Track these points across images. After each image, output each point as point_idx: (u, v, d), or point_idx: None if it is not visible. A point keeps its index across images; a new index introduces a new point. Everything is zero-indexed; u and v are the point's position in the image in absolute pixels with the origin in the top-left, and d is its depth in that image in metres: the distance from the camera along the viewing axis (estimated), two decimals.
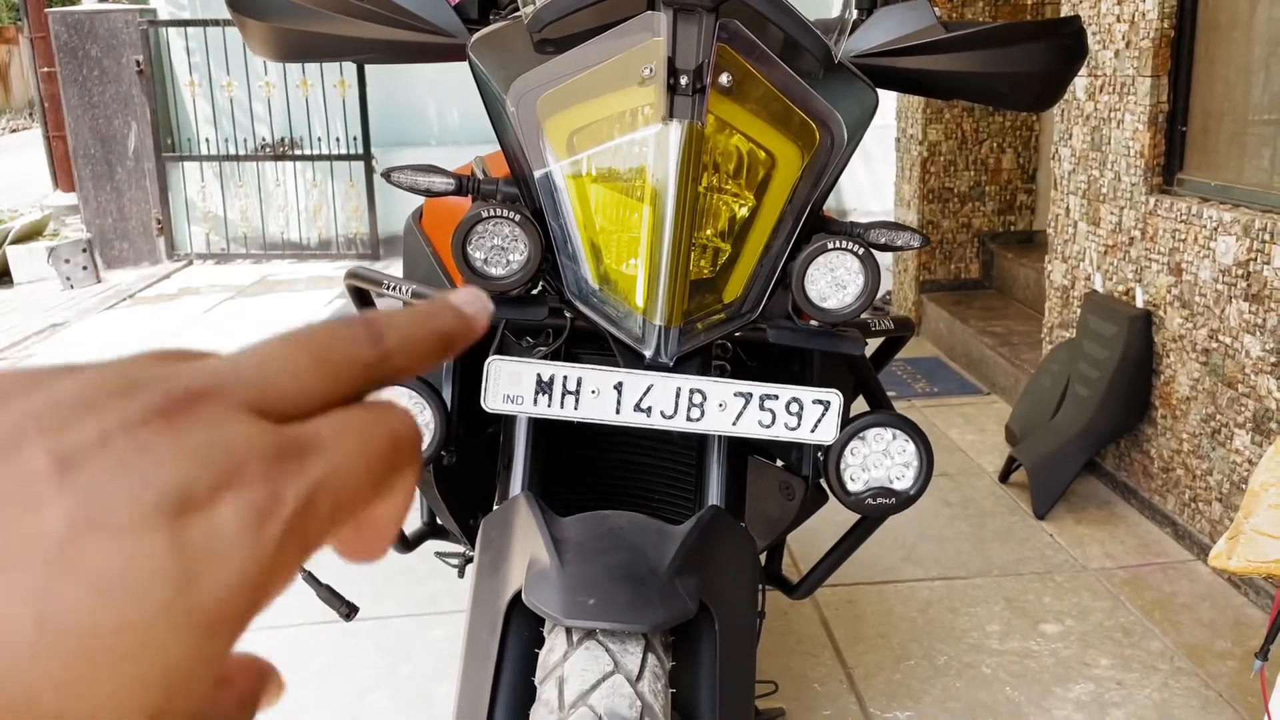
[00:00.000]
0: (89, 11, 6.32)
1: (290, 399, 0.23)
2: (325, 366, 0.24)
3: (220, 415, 0.21)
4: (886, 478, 1.16)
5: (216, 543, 0.20)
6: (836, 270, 1.06)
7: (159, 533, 0.19)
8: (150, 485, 0.19)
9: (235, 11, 1.33)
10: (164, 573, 0.19)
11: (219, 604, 0.20)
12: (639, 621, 0.97)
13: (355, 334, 0.25)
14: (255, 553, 0.20)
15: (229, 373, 0.22)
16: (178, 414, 0.20)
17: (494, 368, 1.06)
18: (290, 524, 0.21)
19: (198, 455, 0.20)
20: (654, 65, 1.03)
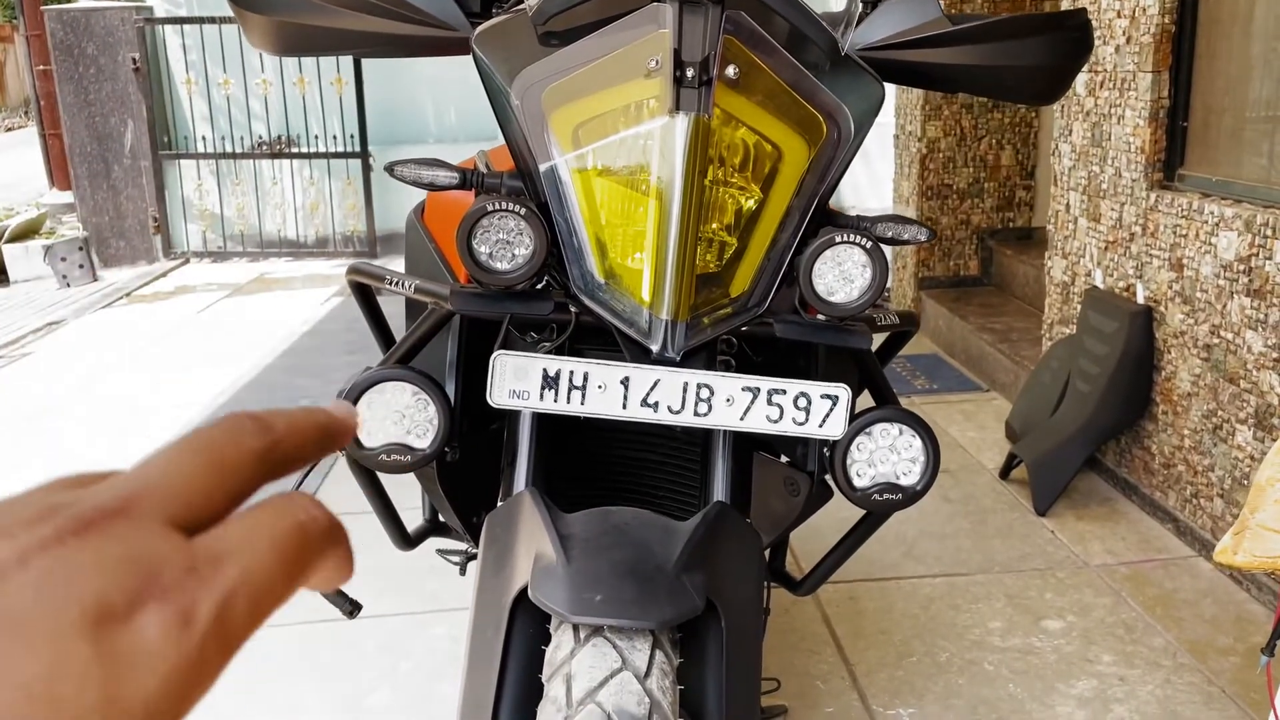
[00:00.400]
0: (85, 9, 6.30)
1: (196, 505, 0.24)
2: (222, 466, 0.25)
3: (133, 530, 0.22)
4: (893, 473, 1.15)
5: (139, 650, 0.21)
6: (844, 264, 1.06)
7: (83, 641, 0.20)
8: (71, 598, 0.20)
9: (236, 5, 1.31)
10: (90, 678, 0.20)
11: (146, 706, 0.21)
12: (647, 618, 0.96)
13: (243, 428, 0.26)
14: (178, 658, 0.21)
15: (136, 488, 0.23)
16: (91, 532, 0.22)
17: (500, 363, 1.05)
18: (209, 629, 0.22)
19: (114, 569, 0.21)
20: (660, 57, 1.02)
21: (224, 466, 0.25)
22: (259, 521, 0.25)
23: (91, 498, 0.23)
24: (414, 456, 1.13)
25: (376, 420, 1.13)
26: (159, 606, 0.21)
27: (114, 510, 0.22)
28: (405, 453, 1.13)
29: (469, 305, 1.09)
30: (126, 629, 0.21)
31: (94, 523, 0.22)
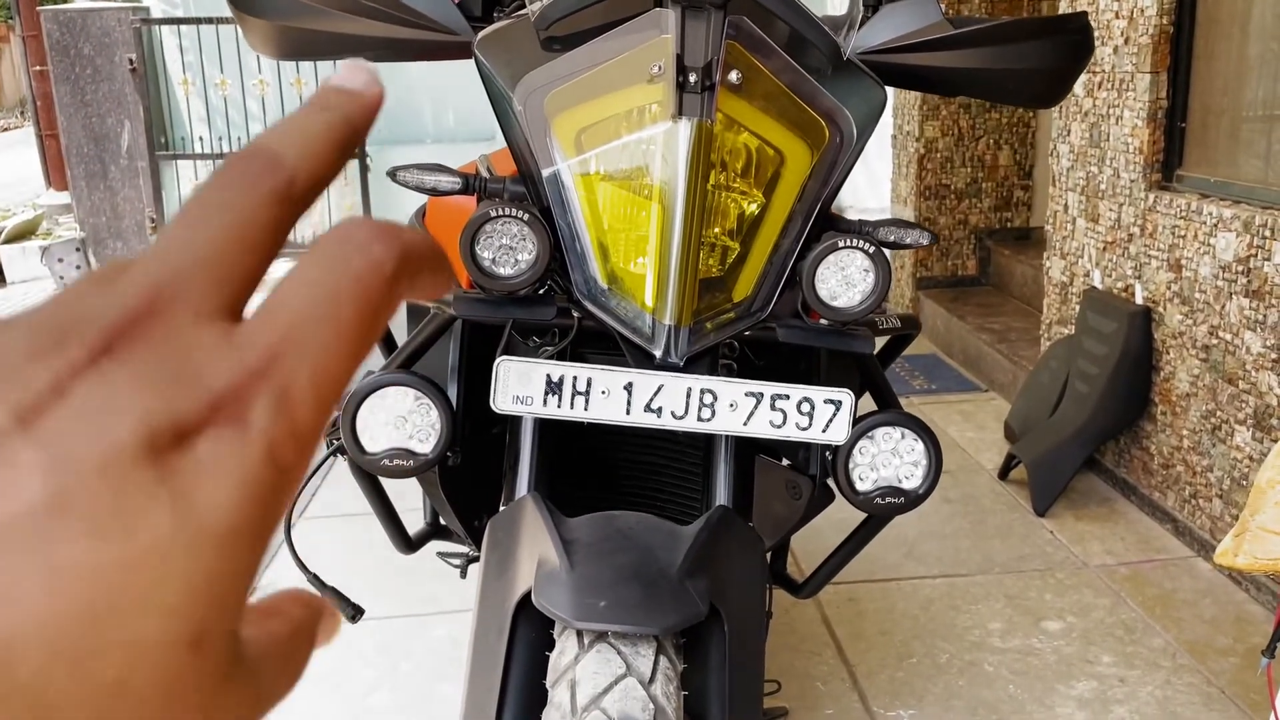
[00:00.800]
0: (81, 10, 6.29)
1: (229, 281, 0.21)
2: (244, 225, 0.22)
3: (166, 332, 0.20)
4: (895, 477, 1.15)
5: (203, 467, 0.19)
6: (847, 269, 1.06)
7: (140, 467, 0.19)
8: (116, 427, 0.19)
9: (236, 9, 1.31)
10: (159, 503, 0.19)
11: (225, 520, 0.19)
12: (651, 624, 0.96)
13: (250, 170, 0.22)
14: (247, 466, 0.20)
15: (160, 279, 0.21)
16: (123, 344, 0.20)
17: (503, 368, 1.05)
18: (273, 428, 0.20)
19: (154, 383, 0.19)
20: (663, 62, 1.02)
21: (240, 230, 0.22)
22: (308, 287, 0.21)
23: (115, 301, 0.20)
24: (416, 461, 1.13)
25: (378, 425, 1.13)
26: (213, 419, 0.20)
27: (142, 312, 0.20)
28: (407, 457, 1.13)
29: (471, 310, 1.09)
30: (184, 450, 0.19)
31: (124, 332, 0.20)
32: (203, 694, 0.20)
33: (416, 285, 0.23)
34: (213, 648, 0.20)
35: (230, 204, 0.22)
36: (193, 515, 0.19)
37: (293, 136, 0.23)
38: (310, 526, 2.76)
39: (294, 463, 0.21)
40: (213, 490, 0.19)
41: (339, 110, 0.24)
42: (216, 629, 0.20)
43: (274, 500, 0.20)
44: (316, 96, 0.24)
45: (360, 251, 0.22)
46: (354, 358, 0.22)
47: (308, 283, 0.22)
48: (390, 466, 1.13)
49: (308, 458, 0.21)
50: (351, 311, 0.21)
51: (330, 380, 0.21)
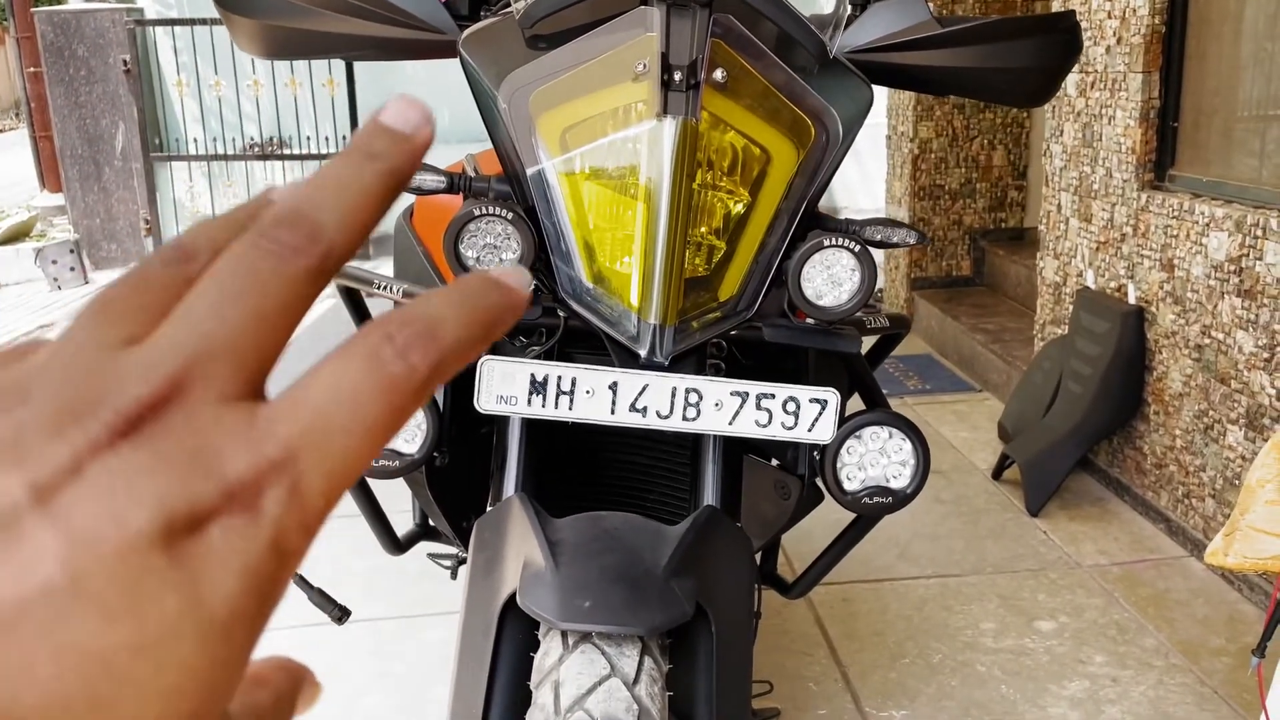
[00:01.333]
0: (75, 11, 6.28)
1: (252, 364, 0.21)
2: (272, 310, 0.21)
3: (187, 418, 0.20)
4: (883, 476, 1.15)
5: (213, 553, 0.20)
6: (833, 268, 1.05)
7: (155, 553, 0.19)
8: (134, 512, 0.19)
9: (222, 8, 1.31)
10: (169, 586, 0.19)
11: (230, 605, 0.20)
12: (635, 624, 0.95)
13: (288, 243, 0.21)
14: (256, 553, 0.20)
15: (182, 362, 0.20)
16: (144, 428, 0.20)
17: (487, 368, 1.04)
18: (285, 518, 0.20)
19: (174, 470, 0.19)
20: (648, 61, 1.02)
21: (274, 309, 0.21)
22: (337, 384, 0.21)
23: (139, 377, 0.20)
24: (402, 462, 1.12)
25: None
26: (227, 508, 0.20)
27: (164, 394, 0.20)
28: (393, 458, 1.12)
29: None
30: (196, 537, 0.19)
31: (144, 417, 0.20)
32: None
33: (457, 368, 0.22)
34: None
35: (265, 281, 0.21)
36: (200, 602, 0.19)
37: (335, 199, 0.22)
38: None
39: (297, 549, 0.21)
40: (221, 578, 0.20)
41: (385, 160, 0.23)
42: (212, 711, 0.20)
43: (273, 587, 0.21)
44: (363, 140, 0.23)
45: (398, 358, 0.21)
46: (371, 454, 0.21)
47: (338, 379, 0.21)
48: (376, 467, 1.13)
49: (309, 544, 0.21)
50: (377, 415, 0.21)
51: (345, 475, 0.21)
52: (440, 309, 0.22)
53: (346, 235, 0.22)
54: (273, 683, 0.25)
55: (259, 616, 0.21)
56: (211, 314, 0.21)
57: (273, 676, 0.25)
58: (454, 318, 0.22)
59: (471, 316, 0.22)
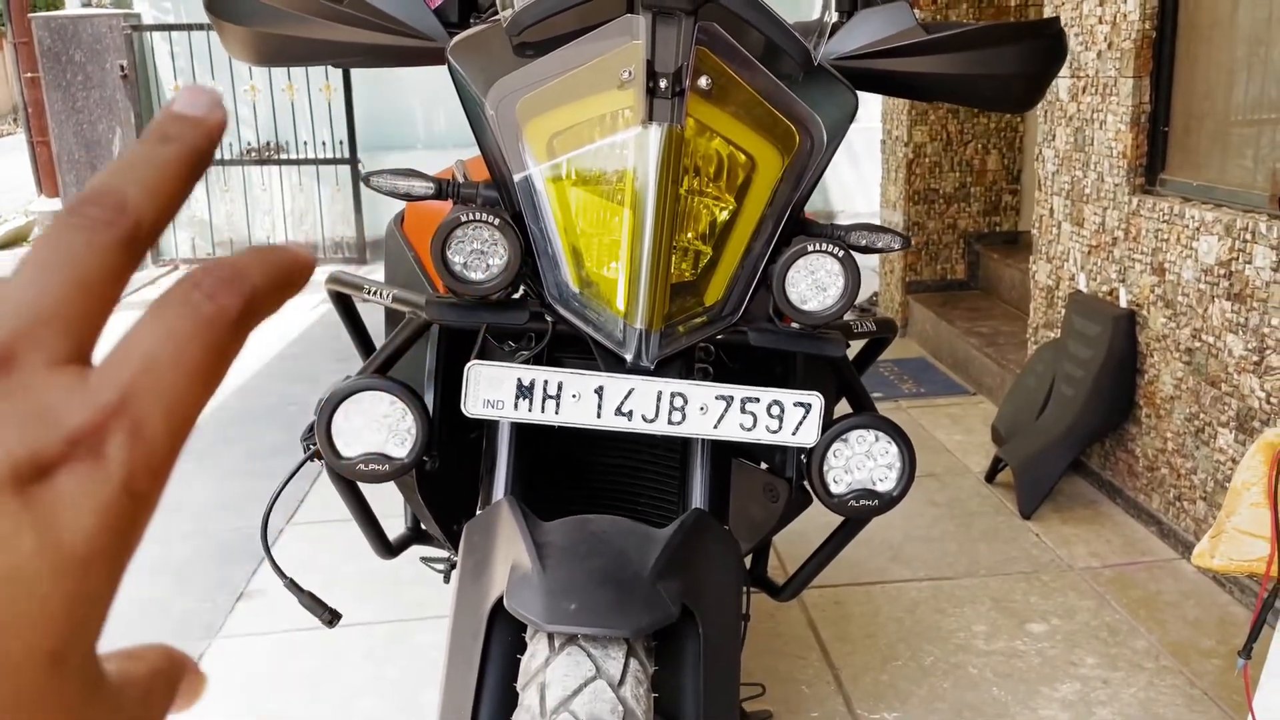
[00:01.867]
0: (72, 16, 6.29)
1: (76, 329, 0.22)
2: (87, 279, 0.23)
3: (20, 381, 0.21)
4: (869, 479, 1.16)
5: (63, 497, 0.21)
6: (817, 273, 1.06)
7: (8, 494, 0.20)
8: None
9: (213, 15, 1.32)
10: (21, 526, 0.20)
11: (84, 545, 0.21)
12: (620, 626, 0.96)
13: (92, 219, 0.23)
14: (106, 496, 0.21)
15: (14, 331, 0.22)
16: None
17: (474, 373, 1.05)
18: (129, 462, 0.22)
19: (11, 429, 0.21)
20: (633, 68, 1.03)
21: (87, 278, 0.22)
22: (158, 332, 0.23)
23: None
24: (392, 466, 1.13)
25: (354, 430, 1.13)
26: (72, 455, 0.21)
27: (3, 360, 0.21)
28: (383, 462, 1.13)
29: (445, 315, 1.09)
30: (46, 484, 0.21)
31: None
32: (64, 709, 0.21)
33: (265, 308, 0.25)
34: (72, 666, 0.21)
35: (78, 252, 0.23)
36: (54, 540, 0.21)
37: (137, 174, 0.24)
38: (298, 532, 2.76)
39: (149, 490, 0.22)
40: (73, 518, 0.21)
41: (182, 141, 0.25)
42: (76, 648, 0.21)
43: (130, 526, 0.22)
44: (157, 126, 0.25)
45: (208, 299, 0.23)
46: (204, 393, 0.23)
47: (158, 328, 0.23)
48: (366, 471, 1.13)
49: (161, 485, 0.23)
50: (199, 354, 0.23)
51: (182, 415, 0.23)
52: (241, 260, 0.24)
53: (153, 206, 0.24)
54: (149, 659, 0.26)
55: (118, 555, 0.22)
56: (31, 287, 0.22)
57: (149, 654, 0.26)
58: (256, 265, 0.24)
59: (270, 267, 0.25)
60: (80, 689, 0.22)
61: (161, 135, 0.25)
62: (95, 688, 0.22)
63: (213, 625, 2.33)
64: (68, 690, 0.21)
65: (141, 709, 0.24)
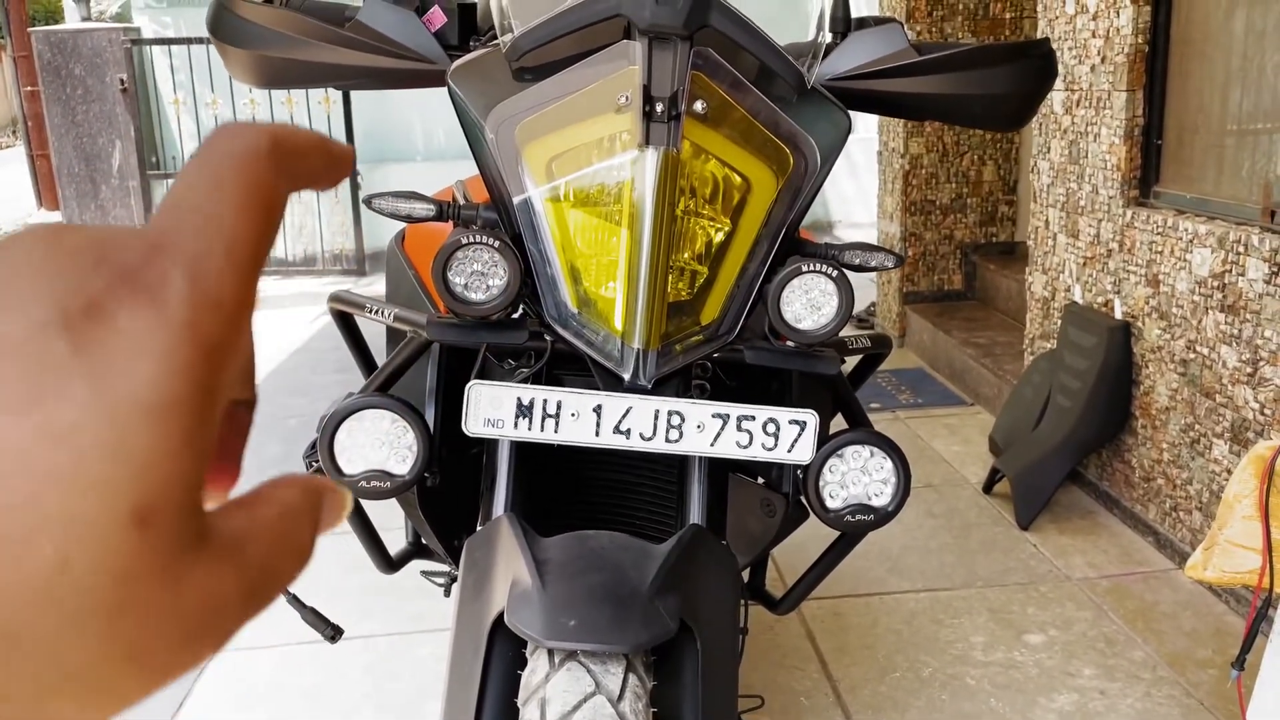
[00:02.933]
0: (72, 30, 6.32)
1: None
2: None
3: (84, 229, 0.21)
4: (865, 495, 1.17)
5: (120, 338, 0.19)
6: (811, 292, 1.08)
7: (53, 341, 0.19)
8: (26, 306, 0.19)
9: (216, 39, 1.34)
10: (72, 373, 0.19)
11: (149, 392, 0.19)
12: (620, 642, 0.98)
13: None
14: (168, 338, 0.20)
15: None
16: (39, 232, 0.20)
17: (474, 392, 1.07)
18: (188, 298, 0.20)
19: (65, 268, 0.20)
20: (630, 93, 1.05)
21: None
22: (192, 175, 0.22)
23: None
24: (393, 483, 1.15)
25: (356, 447, 1.15)
26: (127, 294, 0.20)
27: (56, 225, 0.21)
28: (385, 479, 1.14)
29: (446, 335, 1.11)
30: (100, 324, 0.19)
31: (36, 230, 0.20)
32: (160, 570, 0.20)
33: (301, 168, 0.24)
34: (163, 523, 0.19)
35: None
36: (111, 386, 0.19)
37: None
38: None
39: (220, 335, 0.21)
40: (132, 362, 0.19)
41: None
42: (165, 504, 0.19)
43: (205, 373, 0.20)
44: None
45: (234, 138, 0.23)
46: (254, 228, 0.22)
47: (191, 173, 0.22)
48: (367, 488, 1.15)
49: (236, 330, 0.21)
50: (236, 186, 0.22)
51: (240, 250, 0.22)
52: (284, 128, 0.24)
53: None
54: (278, 499, 0.24)
55: (194, 406, 0.20)
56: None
57: (277, 494, 0.24)
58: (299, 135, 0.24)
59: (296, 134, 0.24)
60: (178, 548, 0.20)
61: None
62: (199, 546, 0.20)
63: None
64: (161, 550, 0.19)
65: (277, 554, 0.23)
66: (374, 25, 1.29)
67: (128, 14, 7.26)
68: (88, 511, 0.19)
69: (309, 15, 1.31)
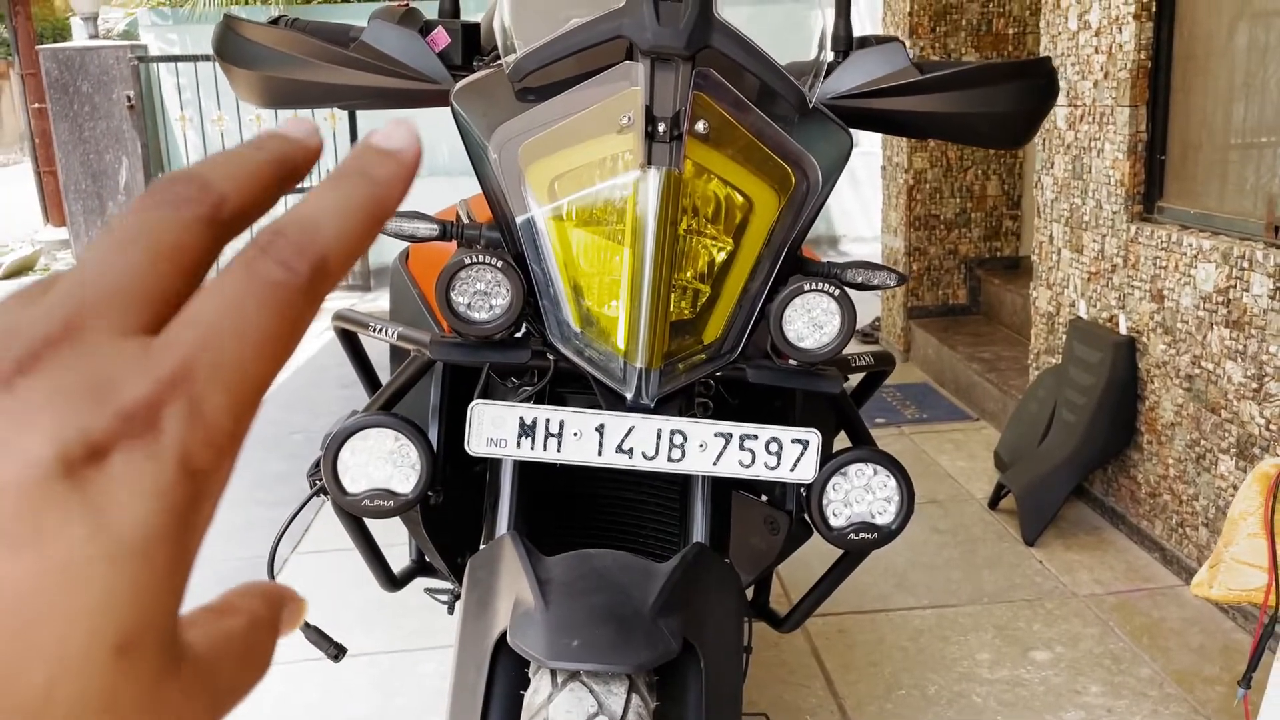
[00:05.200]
0: (80, 48, 6.36)
1: (148, 302, 0.21)
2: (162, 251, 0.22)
3: (83, 352, 0.20)
4: (868, 513, 1.17)
5: (116, 479, 0.20)
6: (813, 311, 1.08)
7: (56, 481, 0.19)
8: (30, 445, 0.19)
9: (222, 60, 1.35)
10: (71, 514, 0.19)
11: (141, 529, 0.20)
12: (622, 662, 0.98)
13: (176, 196, 0.22)
14: (160, 476, 0.20)
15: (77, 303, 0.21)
16: (40, 366, 0.20)
17: (477, 411, 1.07)
18: (187, 437, 0.20)
19: (71, 402, 0.20)
20: (632, 113, 1.05)
21: (166, 251, 0.22)
22: (223, 297, 0.22)
23: (35, 319, 0.21)
24: (397, 502, 1.15)
25: (359, 466, 1.15)
26: (125, 432, 0.20)
27: (59, 336, 0.20)
28: (388, 498, 1.15)
29: (449, 354, 1.11)
30: (98, 464, 0.20)
31: (40, 355, 0.20)
32: (139, 697, 0.20)
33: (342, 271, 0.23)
34: (145, 653, 0.20)
35: (156, 225, 0.22)
36: (107, 526, 0.20)
37: (223, 164, 0.23)
38: (304, 560, 2.77)
39: (211, 469, 0.21)
40: (128, 502, 0.20)
41: (273, 149, 0.24)
42: (147, 635, 0.20)
43: (193, 508, 0.21)
44: (253, 138, 0.25)
45: (279, 265, 0.22)
46: (271, 366, 0.22)
47: (223, 293, 0.22)
48: (371, 507, 1.15)
49: (227, 463, 0.21)
50: (265, 324, 0.22)
51: (246, 389, 0.21)
52: (314, 208, 0.23)
53: (237, 190, 0.23)
54: (245, 609, 0.24)
55: (181, 538, 0.21)
56: (108, 257, 0.22)
57: (243, 603, 0.24)
58: (330, 218, 0.23)
59: (347, 215, 0.23)
60: (157, 677, 0.21)
61: (256, 144, 0.24)
62: (175, 671, 0.21)
63: None
64: (143, 680, 0.20)
65: (243, 669, 0.23)
66: (378, 46, 1.30)
67: (134, 31, 7.32)
68: (76, 642, 0.19)
69: (313, 36, 1.32)
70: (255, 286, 0.22)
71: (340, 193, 0.23)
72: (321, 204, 0.23)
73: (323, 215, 0.23)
